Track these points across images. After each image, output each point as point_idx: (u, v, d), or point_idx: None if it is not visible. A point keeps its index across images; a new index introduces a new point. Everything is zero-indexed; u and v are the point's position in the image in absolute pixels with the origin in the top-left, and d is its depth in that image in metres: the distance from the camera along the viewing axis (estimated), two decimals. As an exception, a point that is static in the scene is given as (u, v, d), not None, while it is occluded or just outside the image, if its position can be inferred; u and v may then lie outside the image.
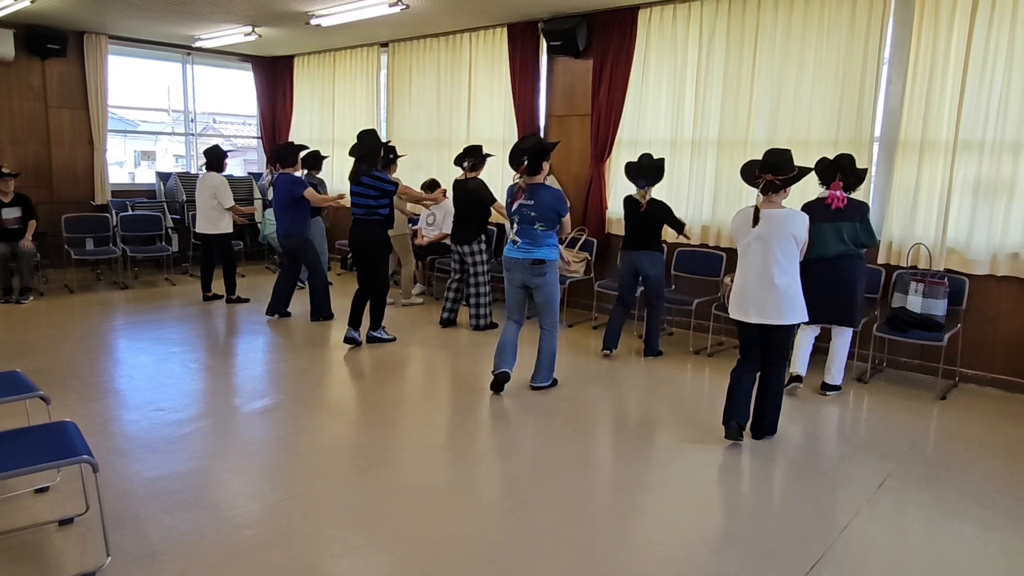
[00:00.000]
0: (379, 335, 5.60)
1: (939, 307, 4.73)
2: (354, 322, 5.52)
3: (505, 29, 7.12)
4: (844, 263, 4.44)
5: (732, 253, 4.60)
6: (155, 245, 8.02)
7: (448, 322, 6.24)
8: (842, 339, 4.63)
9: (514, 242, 4.42)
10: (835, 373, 4.66)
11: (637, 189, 5.23)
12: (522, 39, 6.98)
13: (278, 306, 6.34)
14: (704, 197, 6.03)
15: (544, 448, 3.78)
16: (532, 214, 4.31)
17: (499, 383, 4.51)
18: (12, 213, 6.79)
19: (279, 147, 6.27)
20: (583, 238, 6.60)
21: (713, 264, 5.88)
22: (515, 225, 4.39)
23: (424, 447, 3.75)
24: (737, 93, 5.71)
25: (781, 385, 3.89)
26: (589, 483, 3.37)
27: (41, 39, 7.80)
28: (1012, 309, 4.79)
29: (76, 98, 8.34)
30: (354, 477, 3.40)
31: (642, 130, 6.34)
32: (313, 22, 7.05)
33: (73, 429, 2.69)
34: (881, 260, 5.17)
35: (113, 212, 8.19)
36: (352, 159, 5.52)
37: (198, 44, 8.68)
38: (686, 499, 3.23)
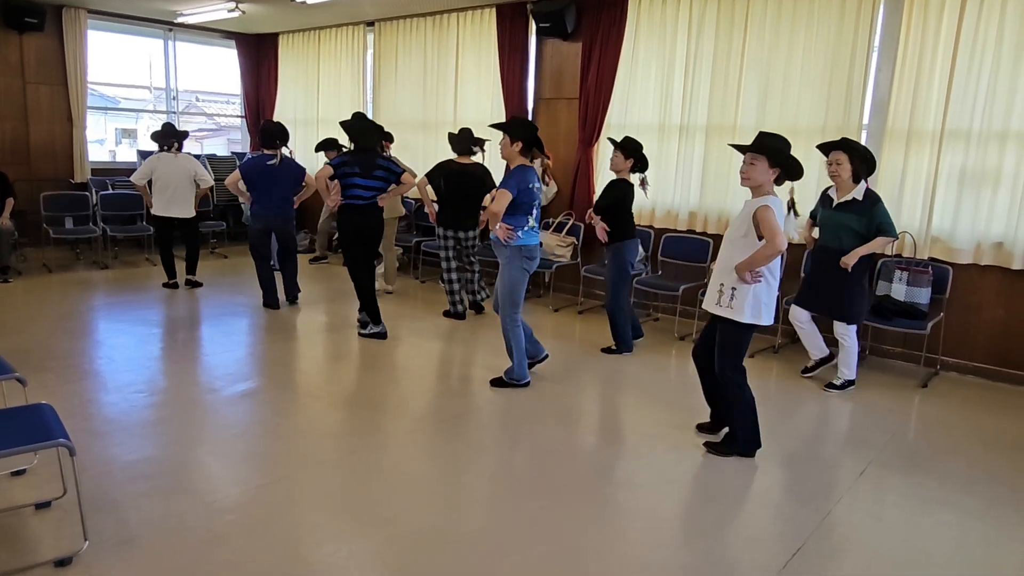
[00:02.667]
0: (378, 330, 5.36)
1: (923, 295, 4.76)
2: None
3: (494, 10, 7.02)
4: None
5: (718, 240, 4.58)
6: (136, 225, 7.90)
7: (460, 315, 6.01)
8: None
9: (533, 228, 4.26)
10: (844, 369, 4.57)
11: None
12: (511, 20, 6.89)
13: (275, 296, 6.11)
14: (692, 183, 6.01)
15: (528, 436, 3.77)
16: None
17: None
18: (-12, 190, 6.65)
19: (278, 126, 6.03)
20: (570, 223, 6.59)
21: (700, 250, 5.87)
22: (534, 210, 4.23)
23: (407, 432, 3.73)
24: (726, 79, 5.68)
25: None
26: (571, 471, 3.36)
27: (18, 12, 7.60)
28: (994, 298, 4.83)
29: (55, 74, 8.16)
30: (335, 462, 3.37)
31: (630, 114, 6.30)
32: (298, -1, 6.93)
33: (50, 412, 2.64)
34: (866, 248, 5.19)
35: (93, 191, 8.05)
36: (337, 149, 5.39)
37: (180, 20, 8.50)
38: (667, 487, 3.24)
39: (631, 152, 4.86)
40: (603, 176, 6.42)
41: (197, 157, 7.61)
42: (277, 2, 7.39)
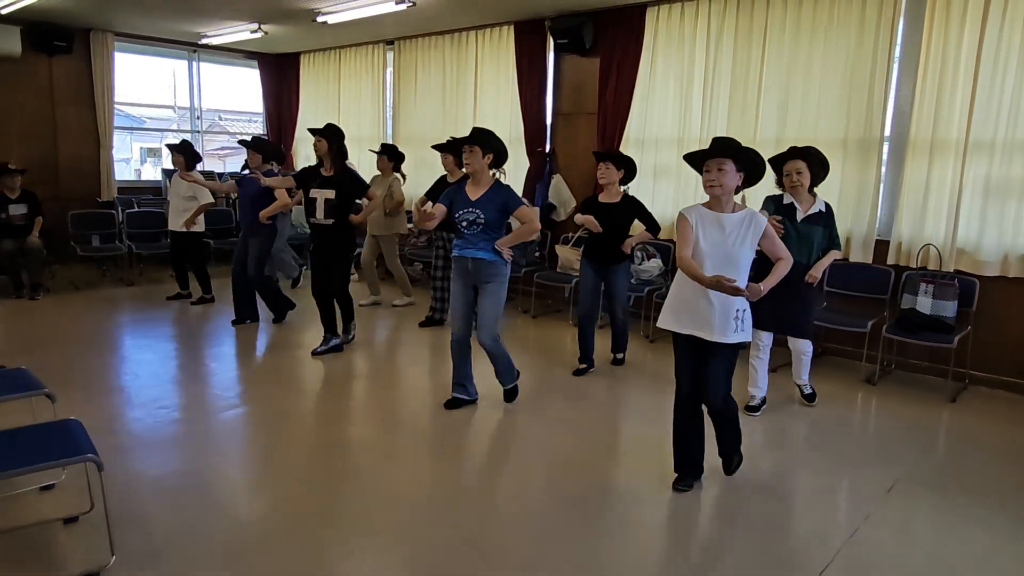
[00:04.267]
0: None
1: (949, 308, 4.69)
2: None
3: (512, 27, 7.08)
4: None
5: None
6: (160, 242, 8.01)
7: (439, 322, 6.07)
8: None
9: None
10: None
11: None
12: (529, 37, 6.94)
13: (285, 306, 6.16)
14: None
15: (546, 447, 3.75)
16: None
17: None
18: (19, 209, 6.79)
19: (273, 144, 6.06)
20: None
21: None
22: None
23: (428, 446, 3.73)
24: (745, 91, 5.67)
25: None
26: (591, 484, 3.34)
27: (47, 36, 7.80)
28: (1023, 311, 4.74)
29: (83, 95, 8.34)
30: (357, 476, 3.38)
31: (649, 128, 6.30)
32: (320, 19, 7.03)
33: (78, 427, 2.68)
34: (891, 261, 5.13)
35: (119, 209, 8.19)
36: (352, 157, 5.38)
37: (204, 41, 8.67)
38: (690, 501, 3.20)
39: (623, 163, 4.76)
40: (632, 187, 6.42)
41: (219, 175, 7.71)
42: (299, 22, 7.51)
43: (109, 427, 3.80)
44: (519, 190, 7.13)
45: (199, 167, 6.67)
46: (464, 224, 3.91)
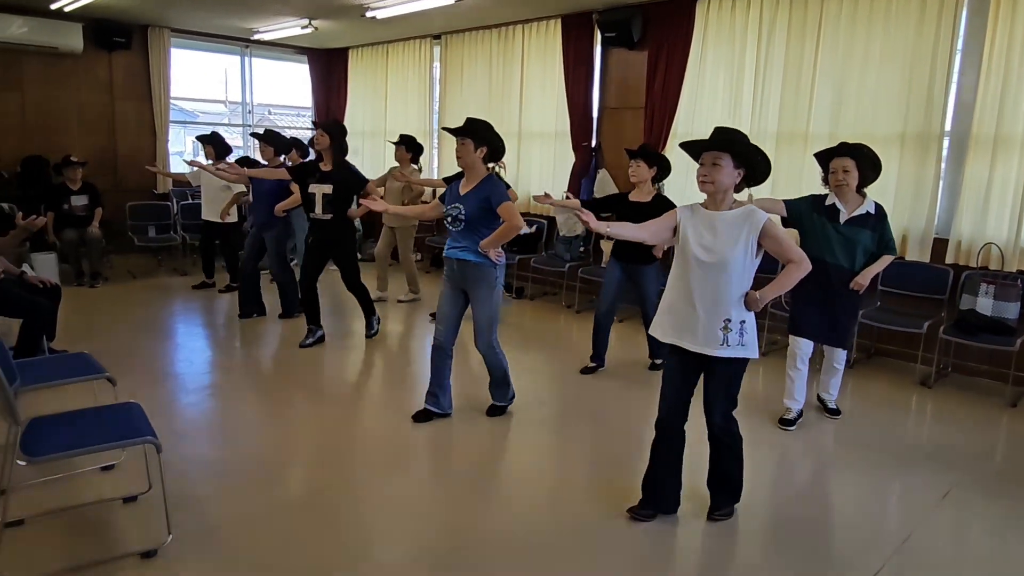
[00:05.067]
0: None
1: (1011, 310, 4.52)
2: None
3: (559, 20, 7.05)
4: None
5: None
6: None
7: None
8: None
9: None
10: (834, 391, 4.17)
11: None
12: (576, 30, 6.91)
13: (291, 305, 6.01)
14: (761, 192, 5.85)
15: (579, 448, 3.74)
16: None
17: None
18: (80, 200, 7.05)
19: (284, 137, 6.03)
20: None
21: (770, 261, 5.71)
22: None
23: (476, 436, 3.76)
24: (798, 85, 5.54)
25: None
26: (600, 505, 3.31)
27: (108, 32, 8.05)
28: (1091, 314, 4.54)
29: (140, 90, 8.59)
30: (406, 464, 3.42)
31: (697, 123, 6.21)
32: (368, 14, 7.11)
33: (138, 410, 2.77)
34: (949, 260, 4.96)
35: (174, 200, 8.43)
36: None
37: (256, 37, 8.84)
38: (745, 499, 3.16)
39: (655, 160, 4.57)
40: (670, 184, 6.34)
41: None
42: (348, 18, 7.60)
43: (165, 411, 3.92)
44: (563, 185, 7.11)
45: (230, 158, 6.84)
46: (449, 220, 3.70)
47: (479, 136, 3.67)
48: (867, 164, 3.73)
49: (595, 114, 7.02)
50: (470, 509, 3.00)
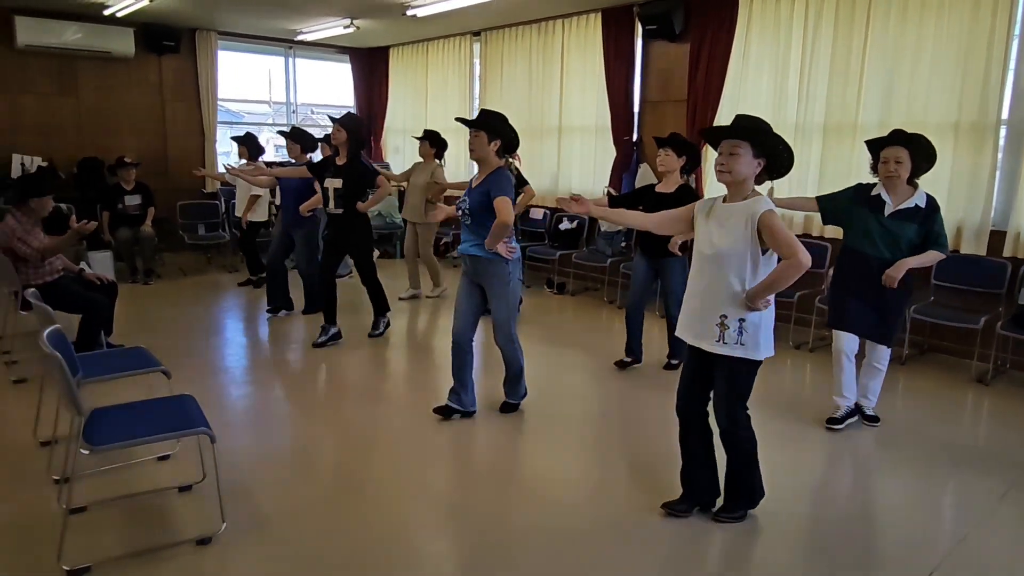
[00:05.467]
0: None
1: (1073, 304, 4.35)
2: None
3: (599, 14, 7.01)
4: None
5: (836, 244, 4.34)
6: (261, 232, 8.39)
7: None
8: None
9: None
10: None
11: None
12: (616, 24, 6.86)
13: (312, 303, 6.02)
14: (808, 185, 5.76)
15: (617, 443, 3.72)
16: None
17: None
18: (133, 200, 7.27)
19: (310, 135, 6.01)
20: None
21: (817, 255, 5.59)
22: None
23: (511, 430, 3.78)
24: (846, 74, 5.41)
25: None
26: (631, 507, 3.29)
27: (158, 36, 8.29)
28: None
29: (189, 92, 8.83)
30: (435, 459, 3.46)
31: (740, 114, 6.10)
32: (409, 12, 7.17)
33: (192, 402, 2.85)
34: (1007, 253, 4.80)
35: (222, 199, 8.64)
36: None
37: (300, 38, 9.00)
38: (785, 496, 3.11)
39: (684, 150, 4.42)
40: (711, 178, 6.27)
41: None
42: (389, 16, 7.68)
43: (217, 404, 4.03)
44: (604, 179, 7.08)
45: (262, 159, 6.99)
46: (460, 214, 3.67)
47: (493, 129, 3.62)
48: (922, 155, 3.52)
49: (636, 108, 6.97)
50: (504, 503, 3.02)
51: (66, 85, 7.99)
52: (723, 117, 6.19)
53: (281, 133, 6.13)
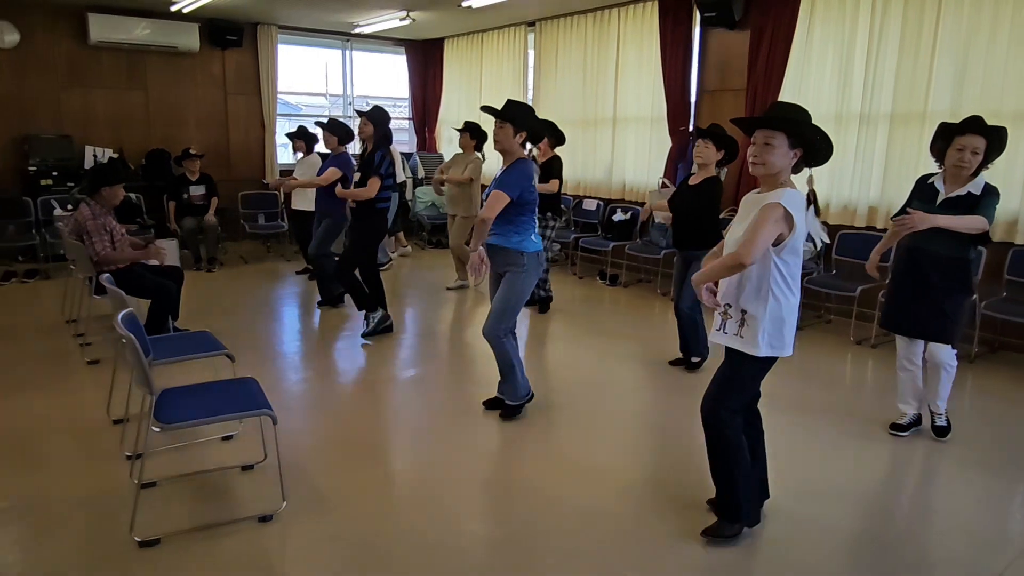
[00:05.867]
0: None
1: None
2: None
3: (655, 3, 6.90)
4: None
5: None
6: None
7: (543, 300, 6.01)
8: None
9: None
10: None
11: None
12: (674, 12, 6.74)
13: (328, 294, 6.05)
14: (872, 176, 5.57)
15: (673, 440, 3.69)
16: None
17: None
18: (198, 190, 7.52)
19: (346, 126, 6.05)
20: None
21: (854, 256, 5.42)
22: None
23: (564, 423, 3.78)
24: (915, 60, 5.20)
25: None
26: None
27: (221, 31, 8.53)
28: None
29: (250, 85, 9.07)
30: (497, 446, 3.48)
31: (803, 104, 5.89)
32: (464, 3, 7.20)
33: (255, 385, 2.95)
34: (1087, 246, 4.56)
35: (280, 189, 8.85)
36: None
37: (357, 30, 9.14)
38: (844, 492, 3.03)
39: (724, 143, 4.24)
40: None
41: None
42: (444, 7, 7.73)
43: (277, 387, 4.15)
44: (659, 170, 6.99)
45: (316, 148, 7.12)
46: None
47: (519, 121, 3.55)
48: (995, 148, 3.25)
49: (693, 98, 6.85)
50: (556, 487, 3.03)
51: (135, 79, 8.30)
52: (783, 106, 6.02)
53: (319, 124, 6.14)
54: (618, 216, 7.33)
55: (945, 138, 3.32)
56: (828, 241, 3.57)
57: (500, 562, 2.54)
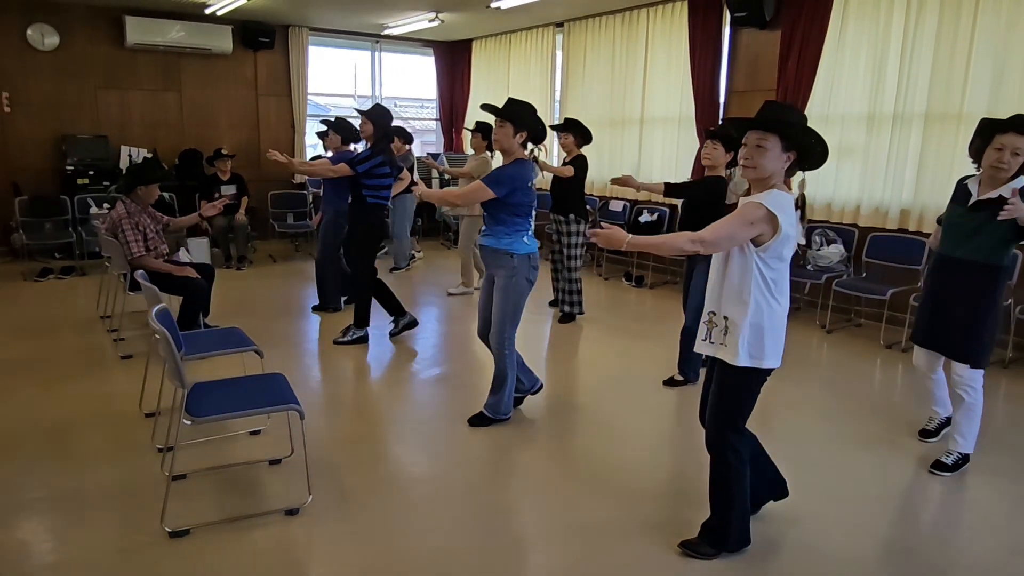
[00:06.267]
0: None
1: None
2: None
3: (685, 2, 6.86)
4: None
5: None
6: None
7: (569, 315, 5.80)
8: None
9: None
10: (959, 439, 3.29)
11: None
12: (703, 12, 6.69)
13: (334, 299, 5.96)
14: (905, 177, 5.47)
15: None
16: None
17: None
18: (229, 190, 7.65)
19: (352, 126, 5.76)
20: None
21: (912, 251, 5.33)
22: (533, 212, 3.61)
23: (582, 423, 3.77)
24: (951, 60, 5.10)
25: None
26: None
27: (253, 33, 8.66)
28: None
29: (281, 86, 9.19)
30: (518, 446, 3.49)
31: (835, 104, 5.86)
32: (493, 4, 7.22)
33: (283, 381, 2.99)
34: None
35: (309, 190, 8.97)
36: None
37: (386, 32, 9.22)
38: (874, 500, 2.98)
39: (735, 145, 4.03)
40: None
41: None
42: (473, 9, 7.76)
43: (304, 385, 4.20)
44: (687, 171, 6.94)
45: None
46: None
47: (520, 121, 3.48)
48: None
49: (722, 99, 6.79)
50: (572, 492, 3.02)
51: (170, 81, 8.47)
52: (816, 106, 5.96)
53: (325, 122, 5.97)
54: (644, 217, 7.29)
55: (984, 136, 3.11)
56: (804, 242, 3.32)
57: (517, 567, 2.54)
